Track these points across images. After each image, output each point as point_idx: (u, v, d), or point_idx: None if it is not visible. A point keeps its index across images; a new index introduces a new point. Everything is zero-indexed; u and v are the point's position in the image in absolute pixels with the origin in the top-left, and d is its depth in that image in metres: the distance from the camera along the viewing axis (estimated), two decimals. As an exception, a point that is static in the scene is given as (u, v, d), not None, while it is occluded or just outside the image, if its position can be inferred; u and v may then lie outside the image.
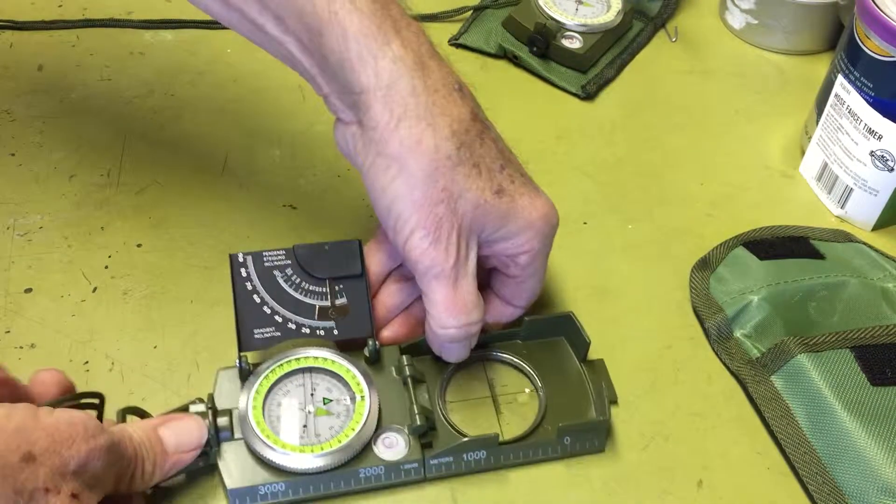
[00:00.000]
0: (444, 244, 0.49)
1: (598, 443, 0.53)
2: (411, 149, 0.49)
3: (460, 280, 0.50)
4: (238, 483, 0.49)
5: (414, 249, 0.49)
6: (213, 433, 0.49)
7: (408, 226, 0.49)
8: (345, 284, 0.55)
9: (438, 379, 0.55)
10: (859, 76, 0.64)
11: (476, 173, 0.50)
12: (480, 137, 0.51)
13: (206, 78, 0.75)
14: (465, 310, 0.51)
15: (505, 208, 0.51)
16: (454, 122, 0.50)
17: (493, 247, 0.52)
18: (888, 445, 0.51)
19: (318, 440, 0.50)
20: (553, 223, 0.53)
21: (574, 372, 0.56)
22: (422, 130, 0.49)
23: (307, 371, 0.53)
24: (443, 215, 0.49)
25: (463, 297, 0.50)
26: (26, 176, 0.66)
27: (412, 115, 0.49)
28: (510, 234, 0.52)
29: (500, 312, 0.56)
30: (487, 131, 0.52)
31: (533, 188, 0.53)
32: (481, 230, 0.51)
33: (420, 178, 0.49)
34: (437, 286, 0.50)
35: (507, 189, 0.51)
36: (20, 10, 0.80)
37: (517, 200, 0.51)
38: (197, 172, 0.68)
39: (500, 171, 0.51)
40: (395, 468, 0.50)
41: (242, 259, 0.54)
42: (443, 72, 0.51)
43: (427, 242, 0.49)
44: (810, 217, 0.68)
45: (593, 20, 0.79)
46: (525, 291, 0.55)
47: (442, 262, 0.49)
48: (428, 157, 0.49)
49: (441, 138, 0.49)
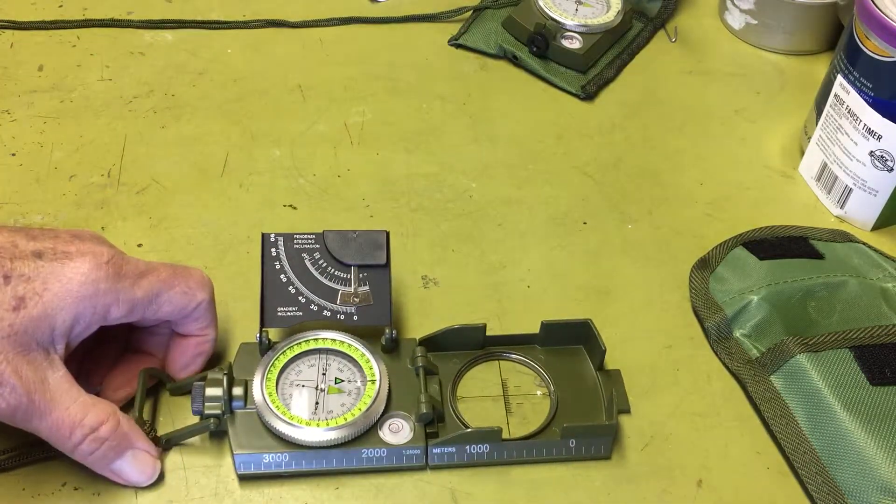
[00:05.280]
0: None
1: (605, 449, 0.53)
2: None
3: (50, 403, 0.46)
4: (245, 449, 0.51)
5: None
6: (227, 401, 0.51)
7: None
8: (369, 273, 0.56)
9: (452, 374, 0.56)
10: (859, 76, 0.64)
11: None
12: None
13: (206, 78, 0.75)
14: (75, 424, 0.47)
15: (51, 297, 0.46)
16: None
17: (127, 320, 0.49)
18: (887, 445, 0.51)
19: (328, 416, 0.52)
20: (113, 264, 0.48)
21: (589, 379, 0.56)
22: None
23: (323, 352, 0.55)
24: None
25: (65, 415, 0.46)
26: (26, 176, 0.67)
27: None
28: (110, 312, 0.48)
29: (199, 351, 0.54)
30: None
31: (62, 254, 0.47)
32: (48, 331, 0.46)
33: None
34: (32, 425, 0.46)
35: (30, 278, 0.46)
36: (20, 10, 0.80)
37: (65, 273, 0.46)
38: (197, 172, 0.68)
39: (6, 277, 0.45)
40: (397, 452, 0.51)
41: (274, 239, 0.56)
42: None
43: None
44: (810, 217, 0.68)
45: (593, 20, 0.79)
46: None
47: (14, 405, 0.45)
48: None
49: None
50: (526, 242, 0.65)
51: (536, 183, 0.69)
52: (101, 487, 0.50)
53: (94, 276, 0.47)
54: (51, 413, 0.46)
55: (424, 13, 0.82)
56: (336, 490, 0.51)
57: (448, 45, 0.80)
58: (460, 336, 0.56)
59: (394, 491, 0.52)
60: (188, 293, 0.51)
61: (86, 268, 0.47)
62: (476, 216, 0.66)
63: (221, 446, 0.53)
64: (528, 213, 0.67)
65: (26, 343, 0.45)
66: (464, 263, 0.63)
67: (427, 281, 0.62)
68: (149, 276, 0.49)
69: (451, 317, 0.59)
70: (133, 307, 0.49)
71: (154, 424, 0.53)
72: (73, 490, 0.50)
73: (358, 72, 0.77)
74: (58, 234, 0.48)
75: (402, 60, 0.78)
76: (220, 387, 0.51)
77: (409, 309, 0.60)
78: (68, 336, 0.47)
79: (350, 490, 0.51)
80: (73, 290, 0.46)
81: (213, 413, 0.51)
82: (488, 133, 0.73)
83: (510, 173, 0.70)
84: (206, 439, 0.53)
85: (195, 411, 0.51)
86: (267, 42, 0.79)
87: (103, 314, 0.48)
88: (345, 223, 0.65)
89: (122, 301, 0.48)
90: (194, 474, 0.52)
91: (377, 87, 0.76)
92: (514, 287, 0.62)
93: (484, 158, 0.71)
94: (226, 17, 0.81)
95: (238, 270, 0.61)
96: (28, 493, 0.50)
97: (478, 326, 0.56)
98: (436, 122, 0.73)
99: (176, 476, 0.51)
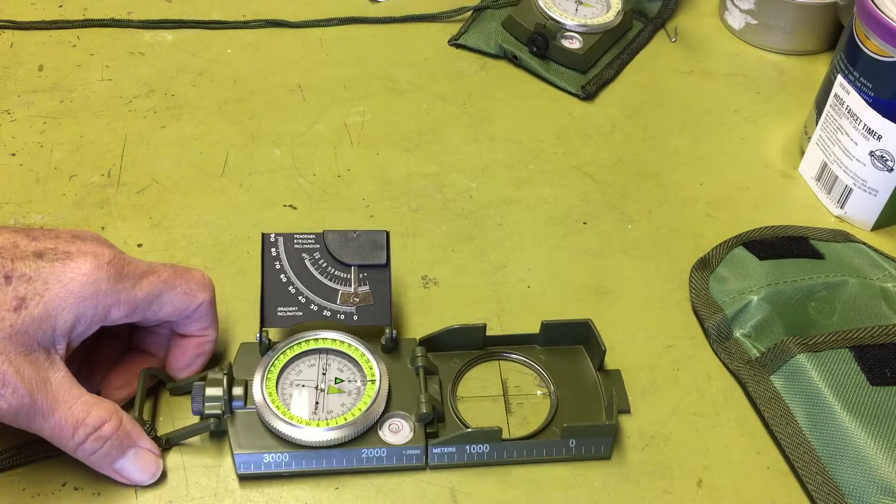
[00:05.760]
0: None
1: (605, 449, 0.53)
2: None
3: (53, 403, 0.46)
4: (245, 449, 0.51)
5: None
6: (227, 400, 0.51)
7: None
8: (369, 273, 0.56)
9: (452, 374, 0.56)
10: (859, 76, 0.64)
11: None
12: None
13: (206, 78, 0.75)
14: (78, 424, 0.47)
15: (52, 297, 0.46)
16: None
17: (127, 320, 0.49)
18: (887, 445, 0.51)
19: (328, 416, 0.52)
20: (114, 264, 0.48)
21: (589, 379, 0.56)
22: None
23: (323, 352, 0.55)
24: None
25: (68, 415, 0.46)
26: (26, 176, 0.67)
27: None
28: (94, 316, 0.47)
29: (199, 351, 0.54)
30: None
31: (63, 255, 0.47)
32: (50, 331, 0.46)
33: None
34: (35, 425, 0.46)
35: (33, 277, 0.46)
36: (20, 10, 0.80)
37: (66, 273, 0.46)
38: (197, 172, 0.68)
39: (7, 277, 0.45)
40: (397, 452, 0.51)
41: (274, 239, 0.56)
42: None
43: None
44: (810, 217, 0.68)
45: (593, 20, 0.79)
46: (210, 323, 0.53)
47: (17, 405, 0.45)
48: None
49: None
50: (526, 242, 0.65)
51: (536, 183, 0.69)
52: (101, 487, 0.50)
53: (96, 277, 0.47)
54: (53, 413, 0.46)
55: (424, 13, 0.82)
56: (336, 490, 0.51)
57: (448, 45, 0.80)
58: (460, 336, 0.56)
59: (394, 491, 0.52)
60: (189, 294, 0.51)
61: (87, 268, 0.47)
62: (476, 216, 0.66)
63: (221, 446, 0.53)
64: (528, 213, 0.67)
65: (28, 343, 0.45)
66: (464, 263, 0.63)
67: (427, 281, 0.62)
68: (150, 276, 0.49)
69: (451, 317, 0.59)
70: (134, 308, 0.49)
71: (154, 424, 0.53)
72: (73, 490, 0.50)
73: (358, 72, 0.77)
74: (59, 235, 0.48)
75: (402, 60, 0.78)
76: (220, 387, 0.51)
77: (409, 309, 0.60)
78: (69, 336, 0.47)
79: (350, 490, 0.51)
80: (74, 290, 0.46)
81: (213, 413, 0.51)
82: (488, 133, 0.73)
83: (510, 173, 0.70)
84: (206, 439, 0.53)
85: (195, 411, 0.51)
86: (267, 42, 0.79)
87: (104, 314, 0.48)
88: (345, 223, 0.65)
89: (122, 302, 0.48)
90: (194, 474, 0.52)
91: (377, 87, 0.76)
92: (514, 287, 0.62)
93: (484, 158, 0.71)
94: (226, 17, 0.81)
95: (238, 270, 0.61)
96: (28, 493, 0.50)
97: (478, 326, 0.56)
98: (436, 122, 0.73)
99: (176, 476, 0.51)
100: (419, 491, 0.52)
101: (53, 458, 0.51)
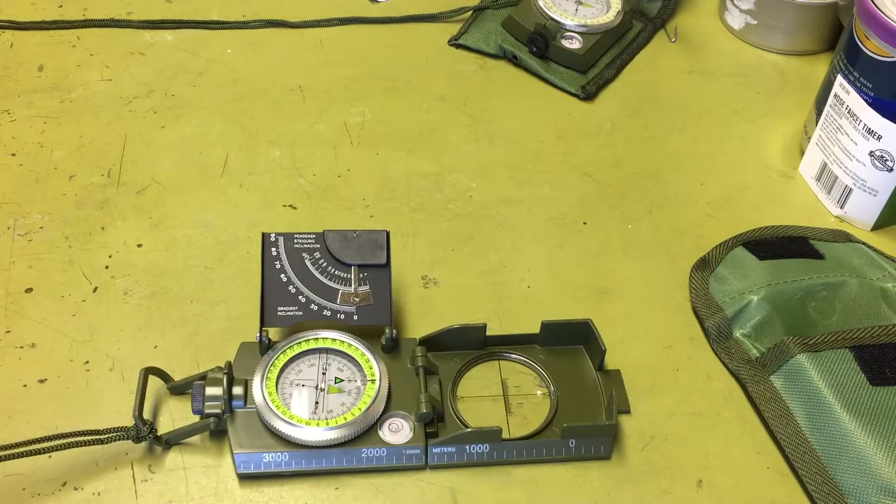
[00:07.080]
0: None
1: (605, 449, 0.53)
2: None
3: None
4: (244, 449, 0.51)
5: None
6: (227, 400, 0.51)
7: None
8: (369, 273, 0.56)
9: (452, 374, 0.56)
10: (858, 76, 0.64)
11: None
12: None
13: (206, 78, 0.75)
14: None
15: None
16: None
17: None
18: (887, 445, 0.51)
19: (328, 416, 0.52)
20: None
21: (589, 380, 0.56)
22: None
23: (323, 351, 0.55)
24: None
25: None
26: (26, 176, 0.67)
27: None
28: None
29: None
30: None
31: None
32: None
33: None
34: None
35: None
36: (20, 10, 0.80)
37: None
38: (197, 172, 0.68)
39: None
40: (397, 452, 0.51)
41: (274, 238, 0.56)
42: None
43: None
44: (810, 217, 0.68)
45: (593, 21, 0.79)
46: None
47: None
48: None
49: None
50: (526, 242, 0.65)
51: (536, 183, 0.69)
52: (101, 487, 0.50)
53: None
54: None
55: (424, 13, 0.82)
56: (336, 490, 0.51)
57: (448, 45, 0.80)
58: (460, 336, 0.56)
59: (394, 491, 0.52)
60: None
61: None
62: (476, 216, 0.66)
63: (221, 446, 0.53)
64: (528, 213, 0.67)
65: None
66: (464, 263, 0.63)
67: (427, 281, 0.62)
68: None
69: (451, 317, 0.59)
70: None
71: (154, 424, 0.53)
72: (73, 490, 0.50)
73: (358, 72, 0.77)
74: None
75: (402, 60, 0.78)
76: (220, 386, 0.51)
77: (409, 309, 0.60)
78: None
79: (350, 490, 0.51)
80: None
81: (213, 412, 0.51)
82: (488, 133, 0.73)
83: (510, 173, 0.70)
84: (206, 439, 0.53)
85: (195, 411, 0.52)
86: (267, 42, 0.79)
87: None
88: (345, 223, 0.65)
89: None
90: (194, 474, 0.52)
91: (377, 87, 0.76)
92: (514, 287, 0.62)
93: (484, 158, 0.71)
94: (226, 18, 0.81)
95: (238, 270, 0.62)
96: (28, 493, 0.50)
97: (478, 326, 0.56)
98: (436, 122, 0.73)
99: (176, 476, 0.51)
100: (419, 491, 0.52)
101: (53, 458, 0.51)
